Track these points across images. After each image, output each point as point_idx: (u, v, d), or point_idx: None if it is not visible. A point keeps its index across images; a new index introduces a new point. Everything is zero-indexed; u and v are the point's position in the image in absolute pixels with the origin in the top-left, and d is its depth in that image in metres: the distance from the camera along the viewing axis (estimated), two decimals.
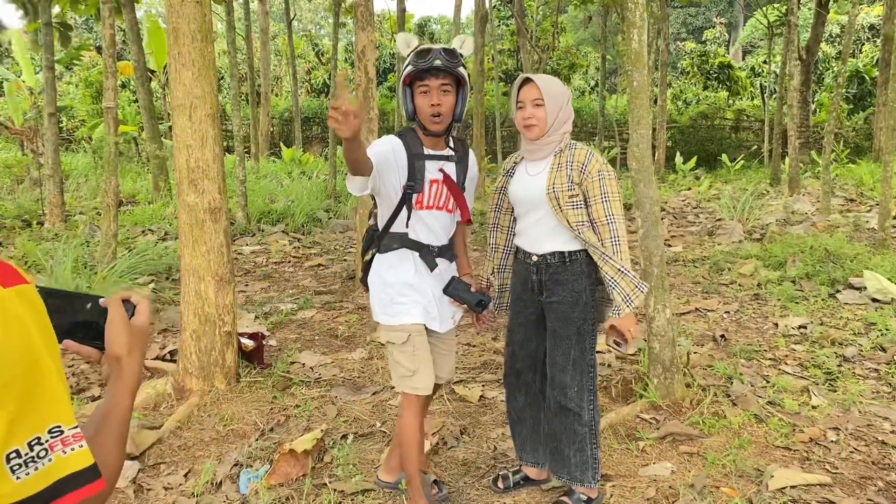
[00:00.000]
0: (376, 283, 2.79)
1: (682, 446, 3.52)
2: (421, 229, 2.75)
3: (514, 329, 3.02)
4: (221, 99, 21.40)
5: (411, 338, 2.72)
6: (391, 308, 2.74)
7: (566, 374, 2.80)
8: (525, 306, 2.95)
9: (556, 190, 2.71)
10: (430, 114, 2.63)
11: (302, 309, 6.06)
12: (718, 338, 5.16)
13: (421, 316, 2.73)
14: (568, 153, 2.76)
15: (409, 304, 2.73)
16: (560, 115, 2.75)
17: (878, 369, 4.51)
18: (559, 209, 2.72)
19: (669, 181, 15.52)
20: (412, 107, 2.69)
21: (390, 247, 2.76)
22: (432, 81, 2.61)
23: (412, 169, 2.68)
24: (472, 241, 8.93)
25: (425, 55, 2.58)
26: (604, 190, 2.70)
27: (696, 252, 8.14)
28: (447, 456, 3.51)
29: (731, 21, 35.41)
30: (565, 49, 22.28)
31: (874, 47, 21.84)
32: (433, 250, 2.78)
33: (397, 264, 2.75)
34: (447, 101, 2.64)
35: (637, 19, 3.86)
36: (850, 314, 5.56)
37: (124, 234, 8.68)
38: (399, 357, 2.74)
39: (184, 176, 3.98)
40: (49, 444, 0.72)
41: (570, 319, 2.77)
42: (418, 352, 2.73)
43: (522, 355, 2.99)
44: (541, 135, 2.77)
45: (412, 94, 2.67)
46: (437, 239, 2.79)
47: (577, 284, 2.76)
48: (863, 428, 3.73)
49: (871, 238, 8.05)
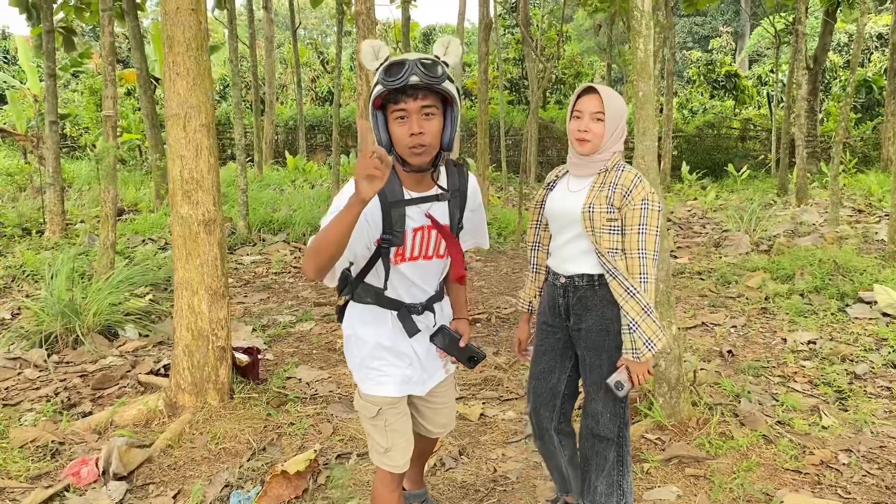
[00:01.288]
0: (349, 333, 2.34)
1: (688, 468, 3.40)
2: (401, 285, 2.27)
3: (538, 358, 2.80)
4: (225, 107, 21.40)
5: (382, 412, 2.29)
6: (362, 372, 2.32)
7: (598, 402, 2.65)
8: (552, 332, 2.74)
9: (594, 210, 2.51)
10: (410, 145, 2.06)
11: (301, 321, 5.96)
12: (726, 353, 5.04)
13: (396, 388, 2.29)
14: (614, 174, 2.55)
15: (382, 373, 2.29)
16: (616, 132, 2.56)
17: (891, 387, 4.38)
18: (592, 231, 2.52)
19: (675, 191, 15.40)
20: (387, 136, 2.10)
21: (363, 299, 2.29)
22: (410, 104, 2.03)
23: (388, 220, 2.14)
24: (490, 253, 8.84)
25: (397, 70, 2.00)
26: (643, 221, 2.48)
27: (702, 264, 8.03)
28: (445, 477, 3.39)
29: (737, 30, 35.32)
30: (570, 58, 22.22)
31: (882, 56, 21.73)
32: (415, 309, 2.31)
33: (371, 321, 2.29)
34: (431, 128, 2.07)
35: (643, 29, 3.76)
36: (861, 329, 5.43)
37: (124, 244, 8.61)
38: (370, 431, 2.35)
39: (177, 187, 3.89)
40: None
41: (600, 348, 2.59)
42: (391, 426, 2.31)
43: (541, 391, 2.79)
44: (593, 151, 2.56)
45: (385, 119, 2.10)
46: (423, 293, 2.32)
47: (607, 311, 2.56)
48: (875, 450, 3.60)
49: (880, 250, 7.92)
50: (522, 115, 19.72)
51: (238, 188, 9.64)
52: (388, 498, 2.37)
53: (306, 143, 19.30)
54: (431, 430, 2.58)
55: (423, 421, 2.55)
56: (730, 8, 36.29)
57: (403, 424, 2.34)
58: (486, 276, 7.78)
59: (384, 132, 2.10)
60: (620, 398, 2.65)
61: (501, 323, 5.96)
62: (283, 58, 25.92)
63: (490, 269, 8.06)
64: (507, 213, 10.84)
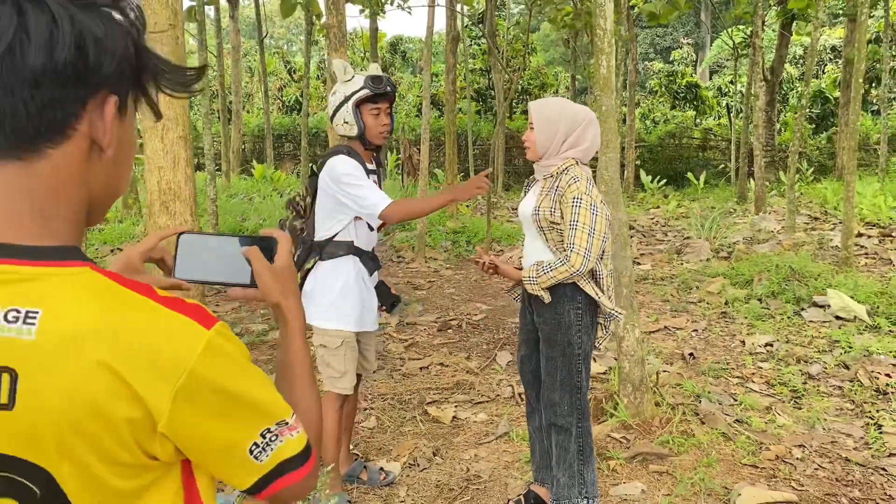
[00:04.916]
0: (315, 288, 3.06)
1: (651, 465, 3.57)
2: (363, 235, 3.10)
3: (520, 345, 3.15)
4: (192, 116, 21.26)
5: (345, 343, 3.05)
6: (328, 313, 3.03)
7: (555, 392, 2.86)
8: (525, 324, 3.07)
9: (539, 212, 2.79)
10: (381, 132, 3.03)
11: (273, 329, 6.03)
12: (687, 356, 5.24)
13: (354, 324, 3.06)
14: (559, 178, 2.80)
15: (346, 312, 3.04)
16: (556, 138, 2.79)
17: (842, 386, 4.61)
18: (541, 230, 2.81)
19: (638, 199, 15.72)
20: (363, 126, 3.00)
21: (335, 254, 3.04)
22: (383, 105, 3.02)
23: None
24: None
25: (379, 81, 2.97)
26: (574, 218, 2.70)
27: (664, 270, 8.26)
28: (420, 478, 3.52)
29: (697, 42, 36.09)
30: (536, 69, 22.53)
31: (836, 68, 22.40)
32: (370, 254, 3.15)
33: (340, 270, 3.04)
34: (389, 122, 3.06)
35: (605, 46, 3.95)
36: (815, 332, 5.68)
37: (93, 254, 8.58)
38: (330, 360, 3.06)
39: (155, 198, 3.97)
40: (278, 431, 0.87)
41: (553, 341, 2.83)
42: (348, 356, 3.07)
43: (524, 372, 3.13)
44: (535, 157, 2.87)
45: (360, 114, 3.00)
46: (373, 242, 3.20)
47: (559, 307, 2.80)
48: (827, 445, 3.81)
49: (834, 256, 8.23)
50: (490, 125, 19.95)
51: (208, 198, 9.65)
52: (335, 417, 3.10)
53: (274, 152, 19.28)
54: (366, 365, 3.31)
55: (361, 358, 3.24)
56: (690, 20, 37.05)
57: (354, 353, 3.12)
58: (456, 283, 7.92)
59: (362, 123, 2.99)
60: (578, 389, 2.85)
61: (472, 329, 6.10)
62: (249, 66, 25.85)
63: (460, 277, 8.21)
64: (476, 222, 11.00)
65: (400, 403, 4.49)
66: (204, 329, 0.81)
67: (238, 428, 0.84)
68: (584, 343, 2.84)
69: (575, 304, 2.80)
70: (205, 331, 0.81)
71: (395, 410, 4.38)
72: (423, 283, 7.86)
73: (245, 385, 0.84)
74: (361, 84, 2.96)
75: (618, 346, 4.06)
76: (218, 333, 0.82)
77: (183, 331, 0.80)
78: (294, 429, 0.90)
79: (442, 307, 6.87)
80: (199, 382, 0.79)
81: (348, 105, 2.98)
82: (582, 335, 2.82)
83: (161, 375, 0.77)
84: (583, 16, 11.69)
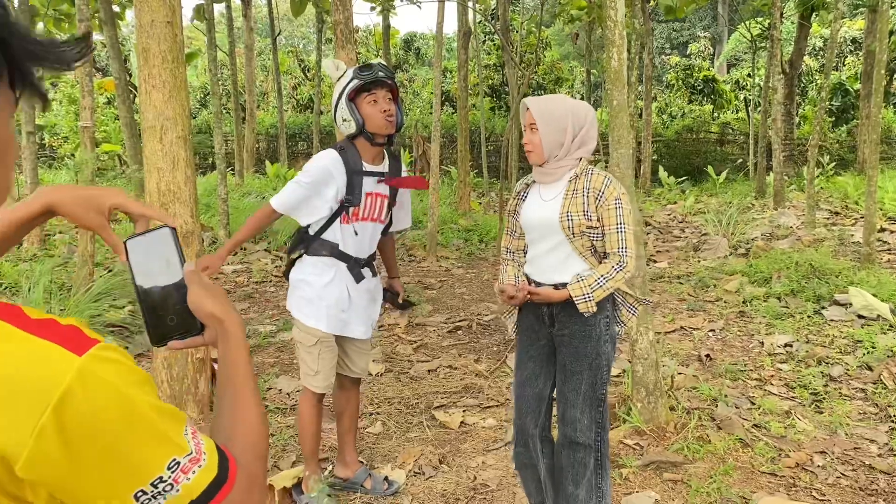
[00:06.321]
0: (298, 280, 3.02)
1: (666, 473, 3.44)
2: (350, 241, 3.00)
3: (523, 364, 2.83)
4: (205, 115, 21.29)
5: (319, 342, 3.00)
6: (306, 308, 2.99)
7: (576, 409, 2.67)
8: (537, 339, 2.78)
9: (571, 218, 2.58)
10: (384, 117, 2.89)
11: (281, 331, 5.95)
12: (703, 357, 5.09)
13: (329, 326, 2.99)
14: (584, 179, 2.62)
15: (322, 312, 2.97)
16: (565, 137, 2.61)
17: (865, 389, 4.45)
18: (573, 237, 2.59)
19: (655, 195, 15.52)
20: (361, 118, 2.90)
21: (319, 252, 2.99)
22: (379, 91, 2.91)
23: (351, 184, 2.93)
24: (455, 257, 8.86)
25: (368, 69, 2.89)
26: (619, 220, 2.56)
27: (681, 268, 8.10)
28: (425, 487, 3.40)
29: (715, 35, 35.65)
30: (550, 63, 22.32)
31: (857, 60, 22.02)
32: (360, 262, 3.05)
33: (323, 270, 2.98)
34: (393, 108, 2.92)
35: (616, 38, 3.81)
36: (836, 331, 5.51)
37: (103, 255, 8.54)
38: (305, 356, 3.03)
39: (154, 199, 3.88)
40: (172, 478, 0.74)
41: (581, 354, 2.64)
42: (323, 357, 3.02)
43: (525, 396, 2.82)
44: (539, 160, 2.64)
45: (357, 107, 2.91)
46: (365, 251, 3.07)
47: (591, 318, 2.61)
48: (850, 451, 3.66)
49: (856, 252, 8.03)
50: (504, 121, 19.80)
51: (219, 197, 9.61)
52: (310, 412, 3.10)
53: (287, 151, 19.25)
54: (354, 369, 3.25)
55: (349, 361, 3.22)
56: (707, 13, 36.64)
57: (331, 356, 3.05)
58: (467, 282, 7.81)
59: (359, 115, 2.89)
60: (599, 403, 2.68)
61: (482, 330, 5.98)
62: (263, 65, 25.84)
63: (471, 276, 8.09)
64: (488, 219, 10.87)
65: (407, 408, 4.38)
66: (74, 355, 0.69)
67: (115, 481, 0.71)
68: (609, 354, 2.69)
69: (604, 314, 2.64)
70: (75, 357, 0.69)
71: (401, 415, 4.27)
72: (433, 283, 7.74)
73: (122, 426, 0.70)
74: (351, 76, 2.91)
75: (631, 349, 3.92)
76: (93, 358, 0.70)
77: (49, 358, 0.68)
78: (190, 469, 0.75)
79: (452, 307, 6.75)
80: (69, 416, 0.67)
81: (343, 101, 2.92)
82: (609, 346, 2.67)
83: (20, 410, 0.66)
84: (594, 9, 11.51)
